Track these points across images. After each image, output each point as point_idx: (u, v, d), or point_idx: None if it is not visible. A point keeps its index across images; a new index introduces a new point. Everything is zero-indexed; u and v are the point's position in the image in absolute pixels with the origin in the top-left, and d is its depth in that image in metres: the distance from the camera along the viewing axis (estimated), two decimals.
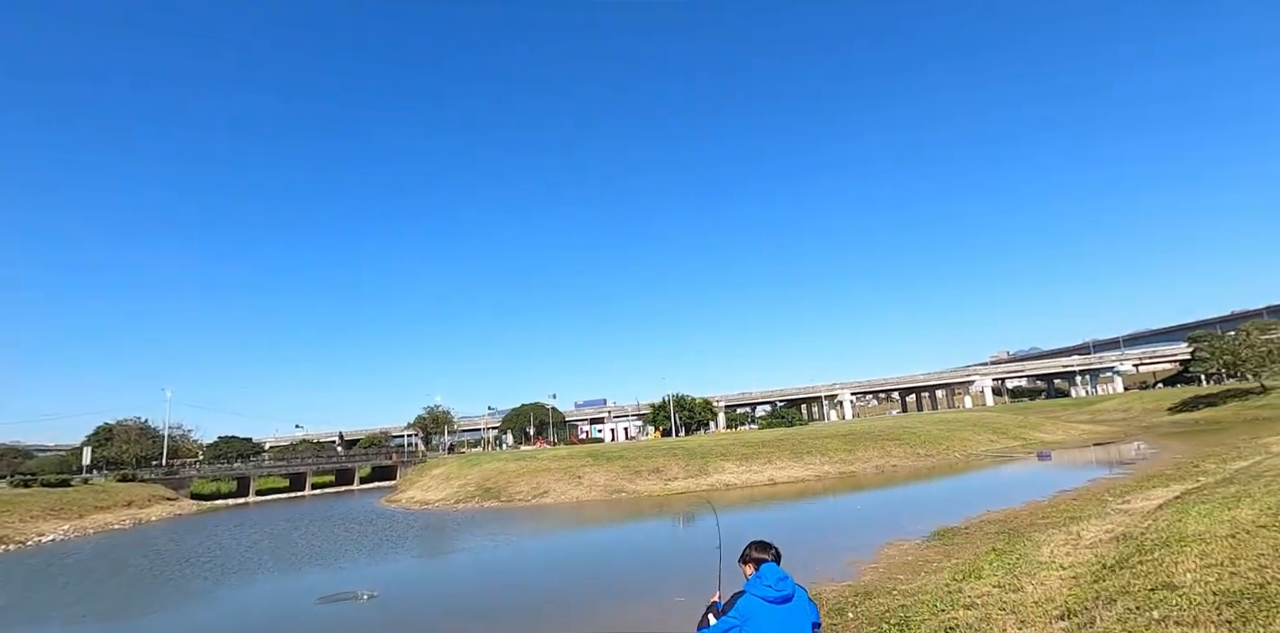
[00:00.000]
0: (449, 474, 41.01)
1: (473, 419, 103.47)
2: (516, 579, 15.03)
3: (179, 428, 67.43)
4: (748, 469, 34.88)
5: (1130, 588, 5.70)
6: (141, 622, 13.82)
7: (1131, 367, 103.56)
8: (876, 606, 8.67)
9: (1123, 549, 8.01)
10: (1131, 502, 13.34)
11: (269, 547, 23.29)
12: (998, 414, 55.82)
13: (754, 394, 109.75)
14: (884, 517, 18.52)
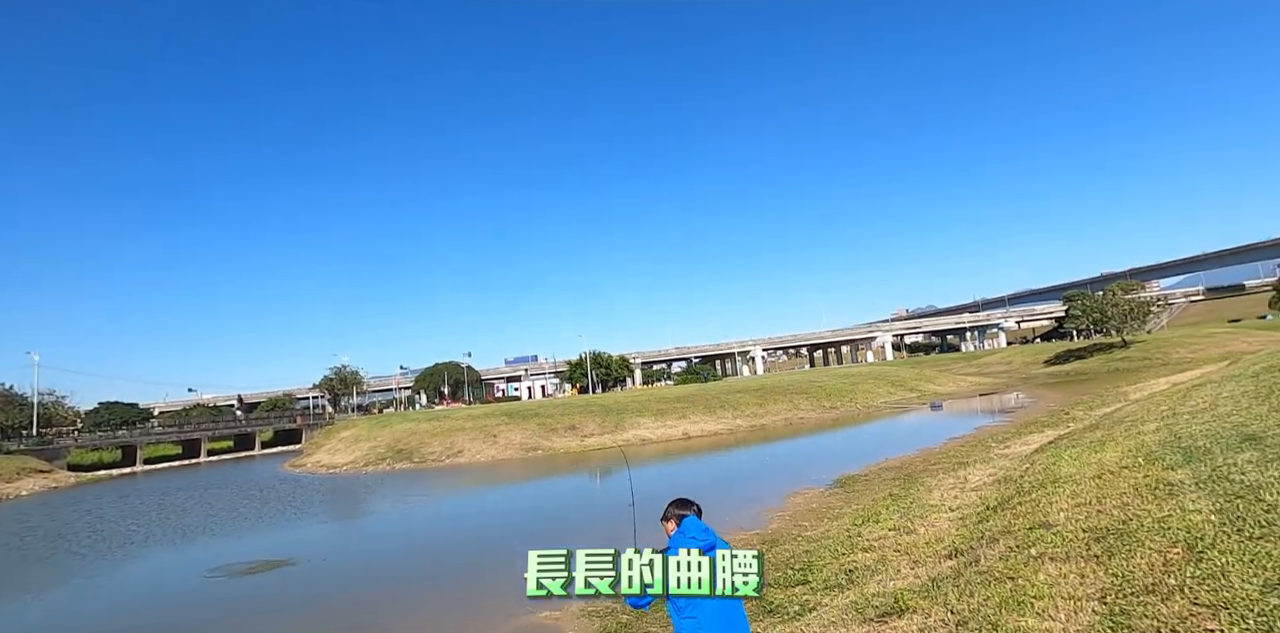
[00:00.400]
0: (358, 436, 39.80)
1: (384, 379, 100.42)
2: (428, 543, 14.86)
3: (51, 394, 61.92)
4: (663, 424, 35.68)
5: (1011, 528, 6.14)
6: (5, 608, 12.78)
7: (1014, 323, 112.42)
8: (784, 552, 9.07)
9: (1004, 492, 8.67)
10: (1011, 447, 14.50)
11: (159, 518, 21.93)
12: (896, 368, 59.36)
13: (669, 351, 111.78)
14: (792, 467, 19.40)
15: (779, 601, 6.75)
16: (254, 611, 9.89)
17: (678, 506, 3.53)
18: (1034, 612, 3.76)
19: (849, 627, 5.28)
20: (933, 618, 4.69)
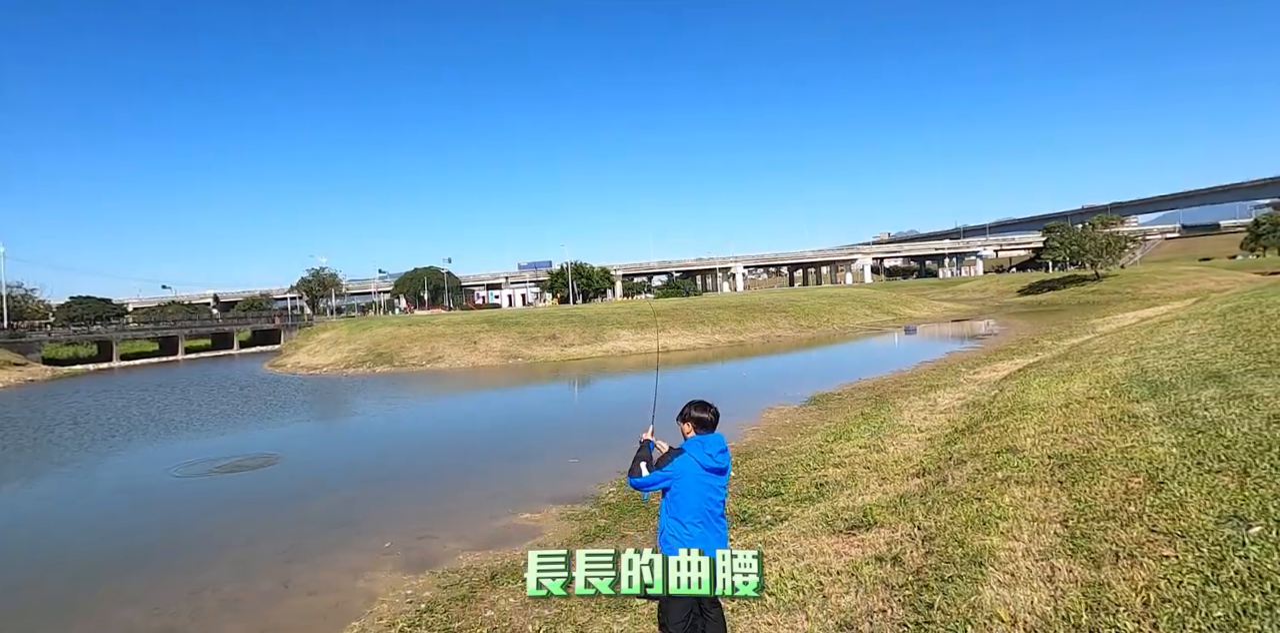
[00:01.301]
0: (338, 339, 39.94)
1: (363, 282, 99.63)
2: (411, 444, 15.28)
3: (19, 287, 60.66)
4: (643, 337, 36.22)
5: (979, 451, 6.47)
6: (26, 485, 13.12)
7: (993, 252, 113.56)
8: (757, 465, 9.50)
9: (972, 415, 9.07)
10: (981, 373, 15.03)
11: (139, 413, 22.22)
12: (874, 291, 60.14)
13: (651, 264, 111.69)
14: (767, 383, 20.00)
15: (752, 510, 7.15)
16: (234, 507, 10.20)
17: (697, 408, 3.54)
18: (999, 531, 4.03)
19: (819, 537, 5.63)
20: (899, 532, 5.01)
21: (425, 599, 5.98)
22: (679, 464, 3.33)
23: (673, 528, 3.29)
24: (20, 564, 8.16)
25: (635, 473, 3.47)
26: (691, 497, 3.28)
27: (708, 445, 3.38)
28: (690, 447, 3.38)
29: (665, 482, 3.34)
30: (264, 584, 6.76)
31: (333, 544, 7.82)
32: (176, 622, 6.04)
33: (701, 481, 3.32)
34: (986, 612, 3.04)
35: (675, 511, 3.31)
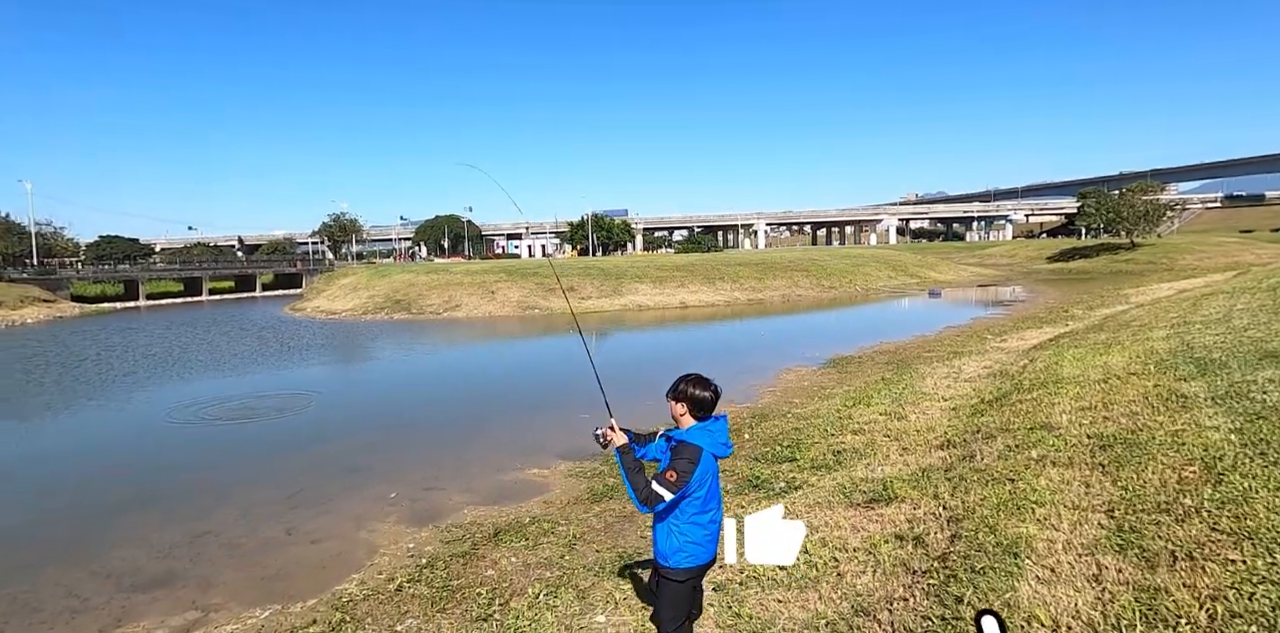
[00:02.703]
0: (357, 285, 40.03)
1: (384, 229, 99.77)
2: (428, 392, 15.27)
3: (49, 224, 61.27)
4: (661, 292, 35.87)
5: (1010, 425, 6.12)
6: (47, 420, 13.36)
7: (1023, 216, 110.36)
8: (772, 427, 9.24)
9: (1000, 386, 8.68)
10: (1008, 341, 14.53)
11: (162, 351, 22.51)
12: (899, 253, 58.80)
13: (673, 218, 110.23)
14: (785, 343, 19.65)
15: (765, 476, 6.91)
16: (243, 449, 10.22)
17: (695, 385, 2.90)
18: (1035, 519, 3.72)
19: (834, 509, 5.38)
20: (922, 510, 4.74)
21: (427, 554, 5.87)
22: (704, 465, 2.79)
23: (695, 535, 2.87)
24: (31, 500, 8.24)
25: (654, 499, 2.72)
26: (716, 495, 2.92)
27: (717, 434, 2.89)
28: (700, 438, 2.83)
29: (698, 492, 2.81)
30: (267, 531, 6.72)
31: (338, 492, 7.76)
32: (178, 565, 6.01)
33: (715, 475, 2.92)
34: (1024, 612, 2.76)
35: (695, 514, 2.86)
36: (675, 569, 2.90)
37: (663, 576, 2.96)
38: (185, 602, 5.30)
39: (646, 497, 2.72)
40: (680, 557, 2.88)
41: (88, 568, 5.97)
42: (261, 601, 5.25)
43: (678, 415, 2.95)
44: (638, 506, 2.75)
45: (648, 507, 2.75)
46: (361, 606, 4.91)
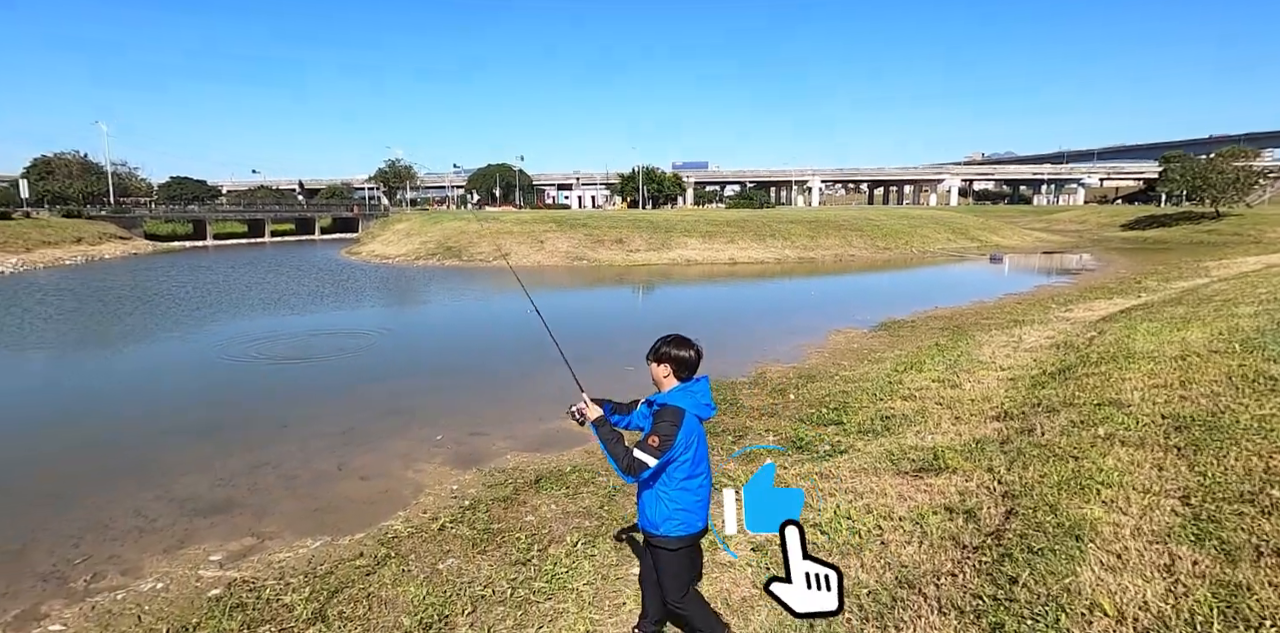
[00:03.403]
0: (411, 230, 40.63)
1: (437, 176, 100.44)
2: (475, 339, 15.50)
3: (124, 165, 63.55)
4: (710, 247, 35.38)
5: (1074, 400, 5.81)
6: (124, 350, 14.15)
7: (1097, 180, 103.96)
8: (818, 389, 9.06)
9: (1065, 358, 8.27)
10: (1074, 311, 13.85)
11: (224, 289, 23.42)
12: (960, 215, 56.36)
13: (725, 173, 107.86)
14: (836, 304, 19.20)
15: (809, 438, 6.79)
16: (300, 386, 10.58)
17: (676, 345, 2.78)
18: (1100, 500, 3.52)
19: (881, 476, 5.24)
20: (974, 483, 4.56)
21: (469, 497, 6.00)
22: (688, 428, 2.67)
23: (685, 501, 2.75)
24: (106, 424, 8.73)
25: (637, 466, 2.60)
26: (704, 458, 2.79)
27: (699, 395, 2.75)
28: (680, 399, 2.71)
29: (685, 455, 2.70)
30: (319, 465, 6.97)
31: (387, 432, 7.98)
32: (237, 494, 6.30)
33: (701, 437, 2.78)
34: (1085, 599, 2.61)
35: (684, 480, 2.74)
36: (667, 538, 2.79)
37: (655, 545, 2.85)
38: (242, 528, 5.56)
39: (629, 465, 2.61)
40: (671, 525, 2.76)
41: (154, 491, 6.31)
42: (312, 531, 5.47)
43: (659, 378, 2.82)
44: (621, 475, 2.65)
45: (632, 476, 2.63)
46: (406, 542, 5.06)
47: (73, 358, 13.68)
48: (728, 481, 5.66)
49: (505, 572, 4.42)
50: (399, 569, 4.57)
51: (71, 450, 7.64)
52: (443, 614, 3.91)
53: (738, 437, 7.15)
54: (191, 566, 4.92)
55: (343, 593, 4.29)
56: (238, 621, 4.01)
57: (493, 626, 3.72)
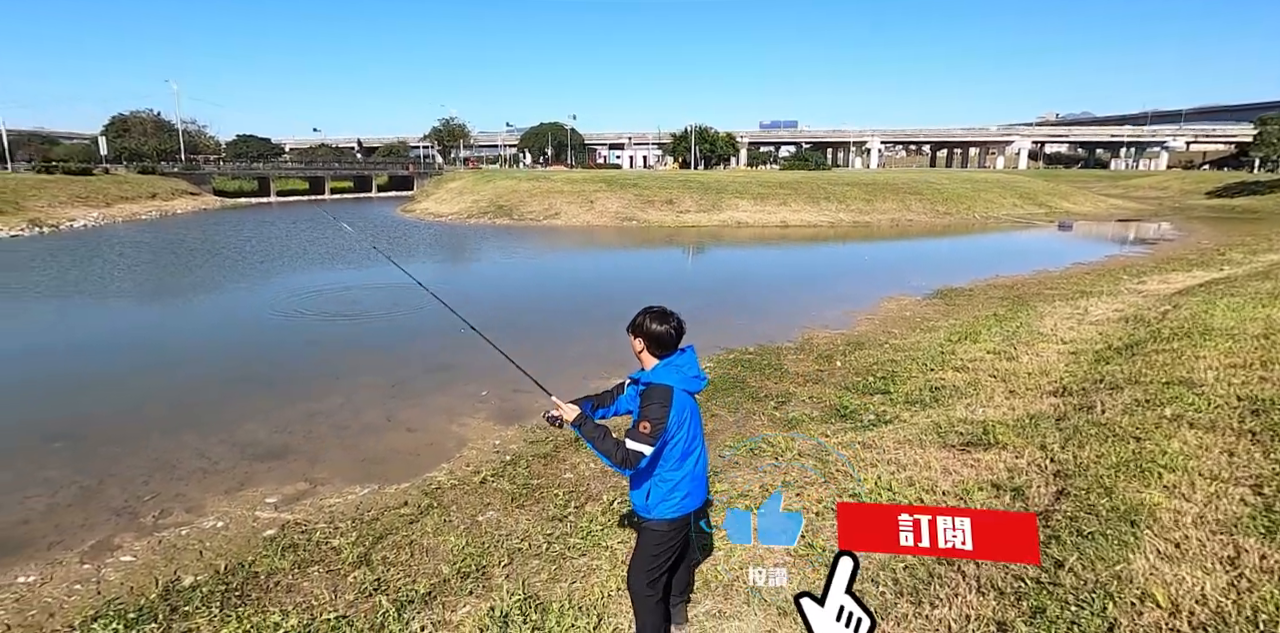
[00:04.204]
0: (463, 189, 40.95)
1: (490, 135, 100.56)
2: (523, 296, 15.64)
3: (193, 123, 65.60)
4: (762, 209, 34.65)
5: (1140, 377, 5.51)
6: (194, 300, 14.85)
7: (1183, 144, 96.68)
8: (866, 357, 8.86)
9: (1134, 333, 7.84)
10: (1148, 284, 13.09)
11: (282, 243, 24.21)
12: (1028, 179, 53.49)
13: (780, 133, 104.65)
14: (889, 270, 18.64)
15: (854, 407, 6.67)
16: (352, 339, 10.86)
17: (654, 318, 2.62)
18: (1161, 485, 3.33)
19: (926, 448, 5.11)
20: (1025, 460, 4.39)
21: (511, 452, 6.12)
22: (678, 406, 2.52)
23: (680, 481, 2.63)
24: (176, 369, 9.20)
25: (633, 458, 2.46)
26: (698, 434, 2.68)
27: (685, 368, 2.61)
28: (666, 376, 2.56)
29: (678, 434, 2.57)
30: (369, 417, 7.20)
31: (433, 387, 8.17)
32: (293, 441, 6.57)
33: (694, 412, 2.65)
34: (1136, 588, 2.48)
35: (679, 459, 2.62)
36: (661, 520, 2.66)
37: (647, 528, 2.73)
38: (296, 474, 5.82)
39: (624, 458, 2.46)
40: (665, 507, 2.64)
41: (217, 436, 6.64)
42: (361, 479, 5.68)
43: (637, 352, 2.69)
44: (618, 470, 2.52)
45: (629, 468, 2.49)
46: (448, 493, 5.21)
47: (147, 308, 14.41)
48: (767, 447, 5.61)
49: (542, 527, 4.51)
50: (440, 519, 4.72)
51: (142, 395, 8.09)
52: (480, 565, 4.03)
53: (780, 403, 7.06)
54: (249, 506, 5.18)
55: (387, 539, 4.46)
56: (289, 560, 4.22)
57: (528, 578, 3.81)
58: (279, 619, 3.49)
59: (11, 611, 3.84)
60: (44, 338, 11.27)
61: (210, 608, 3.68)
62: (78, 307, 13.74)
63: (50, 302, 14.16)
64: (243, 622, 3.49)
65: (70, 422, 7.10)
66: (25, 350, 10.42)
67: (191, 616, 3.61)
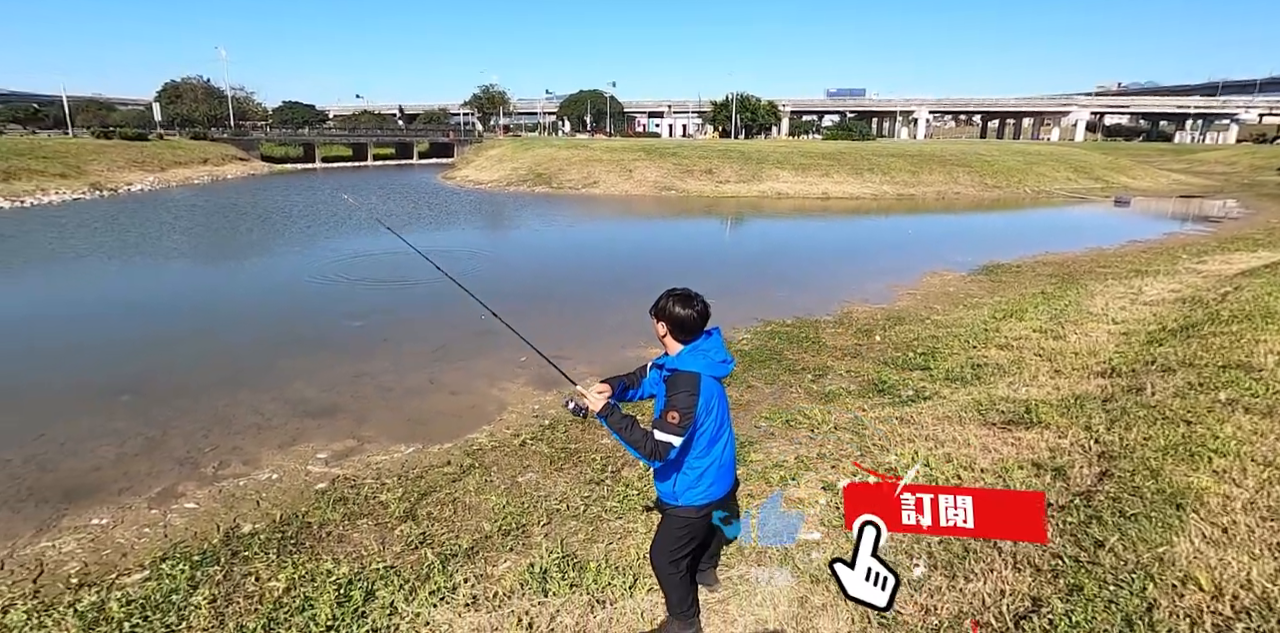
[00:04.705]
0: (503, 157, 40.99)
1: (530, 102, 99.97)
2: (562, 264, 15.73)
3: (241, 89, 66.55)
4: (803, 180, 33.98)
5: (1195, 360, 5.34)
6: (246, 262, 15.38)
7: (1255, 116, 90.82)
8: (906, 332, 8.75)
9: (1190, 314, 7.57)
10: (1208, 264, 12.56)
11: (328, 208, 24.68)
12: (1085, 152, 51.20)
13: (824, 102, 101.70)
14: (933, 244, 18.20)
15: (892, 382, 6.62)
16: (404, 303, 11.15)
17: (678, 301, 2.51)
18: (1211, 470, 3.26)
19: (965, 426, 5.07)
20: (1069, 440, 4.33)
21: (549, 417, 6.25)
22: (706, 393, 2.44)
23: (708, 468, 2.58)
24: (232, 329, 9.57)
25: (663, 450, 2.38)
26: (725, 421, 2.60)
27: (712, 353, 2.51)
28: (692, 362, 2.47)
29: (707, 421, 2.49)
30: (413, 379, 7.41)
31: (475, 351, 8.34)
32: (340, 400, 6.81)
33: (720, 398, 2.55)
34: (1179, 571, 2.46)
35: (707, 446, 2.55)
36: (689, 507, 2.62)
37: (672, 514, 2.69)
38: (345, 431, 6.05)
39: (652, 450, 2.38)
40: (692, 494, 2.60)
41: (270, 393, 6.92)
42: (406, 438, 5.88)
43: (660, 336, 2.59)
44: (646, 462, 2.45)
45: (658, 460, 2.41)
46: (489, 455, 5.37)
47: (203, 269, 14.93)
48: (803, 419, 5.63)
49: (579, 489, 4.63)
50: (482, 479, 4.88)
51: (199, 353, 8.45)
52: (520, 523, 4.17)
53: (817, 376, 7.05)
54: (301, 461, 5.42)
55: (431, 496, 4.63)
56: (340, 512, 4.43)
57: (566, 537, 3.94)
58: (331, 567, 3.69)
59: (88, 549, 4.13)
60: (109, 297, 11.81)
61: (268, 554, 3.90)
62: (139, 268, 14.31)
63: (113, 262, 14.77)
64: (298, 568, 3.70)
65: (135, 377, 7.48)
66: (92, 310, 10.94)
67: (251, 560, 3.83)
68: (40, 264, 14.43)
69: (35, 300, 11.67)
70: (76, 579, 3.75)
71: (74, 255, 15.33)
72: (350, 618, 3.19)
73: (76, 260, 14.84)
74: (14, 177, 27.63)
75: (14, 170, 28.11)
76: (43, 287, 12.75)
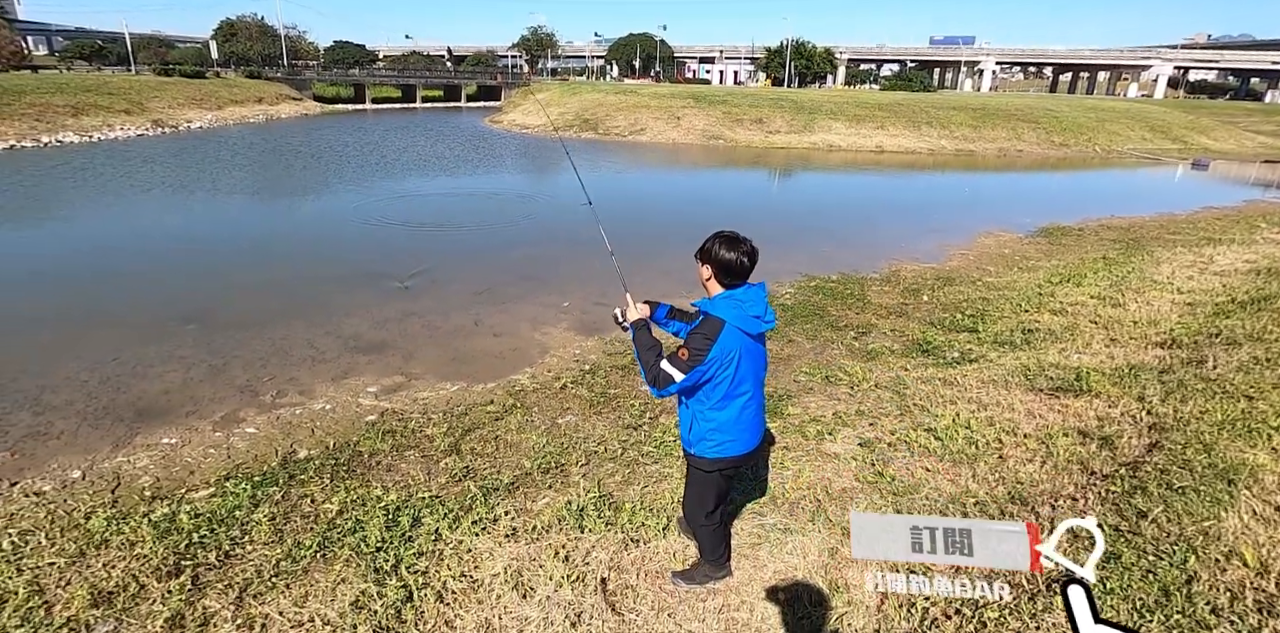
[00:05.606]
0: (550, 101, 40.38)
1: (578, 46, 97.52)
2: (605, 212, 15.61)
3: (294, 28, 66.43)
4: (857, 132, 32.76)
5: (1264, 334, 5.11)
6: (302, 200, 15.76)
7: None
8: (956, 293, 8.54)
9: (1263, 286, 7.20)
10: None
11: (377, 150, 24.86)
12: (1164, 110, 47.88)
13: (883, 50, 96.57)
14: (991, 204, 17.52)
15: (938, 343, 6.52)
16: (453, 245, 11.29)
17: (725, 244, 2.41)
18: (1269, 446, 3.17)
19: (1011, 390, 4.99)
20: (1119, 410, 4.23)
21: (590, 362, 6.35)
22: (728, 340, 2.35)
23: (722, 423, 2.52)
24: (283, 268, 9.86)
25: (663, 380, 2.37)
26: (749, 377, 2.49)
27: (748, 306, 2.39)
28: (724, 309, 2.37)
29: (724, 372, 2.40)
30: (458, 319, 7.57)
31: (519, 295, 8.46)
32: (389, 337, 7.03)
33: (752, 356, 2.46)
34: (1224, 546, 2.43)
35: (721, 400, 2.49)
36: (702, 458, 2.63)
37: (690, 462, 2.73)
38: (393, 367, 6.26)
39: (655, 377, 2.38)
40: (705, 446, 2.59)
41: (324, 328, 7.17)
42: (451, 376, 6.07)
43: (703, 280, 2.50)
44: (650, 389, 2.42)
45: (658, 388, 2.39)
46: (531, 396, 5.51)
47: (261, 206, 15.31)
48: (843, 376, 5.61)
49: (617, 433, 4.74)
50: (523, 419, 5.03)
51: (257, 286, 8.76)
52: (559, 462, 4.31)
53: (860, 333, 6.97)
54: (352, 393, 5.65)
55: (474, 432, 4.80)
56: (389, 443, 4.63)
57: (603, 479, 4.07)
58: (380, 494, 3.89)
59: (159, 465, 4.43)
60: (174, 230, 12.23)
61: (322, 478, 4.12)
62: (201, 202, 14.76)
63: (176, 196, 15.24)
64: (350, 492, 3.91)
65: (198, 307, 7.81)
66: (159, 243, 11.36)
67: (306, 483, 4.06)
68: (113, 196, 15.03)
69: (109, 233, 12.16)
70: (150, 492, 4.03)
71: (141, 189, 15.85)
72: (398, 541, 3.38)
73: (144, 193, 15.36)
74: (83, 112, 28.36)
75: (83, 106, 28.83)
76: (115, 218, 13.29)
